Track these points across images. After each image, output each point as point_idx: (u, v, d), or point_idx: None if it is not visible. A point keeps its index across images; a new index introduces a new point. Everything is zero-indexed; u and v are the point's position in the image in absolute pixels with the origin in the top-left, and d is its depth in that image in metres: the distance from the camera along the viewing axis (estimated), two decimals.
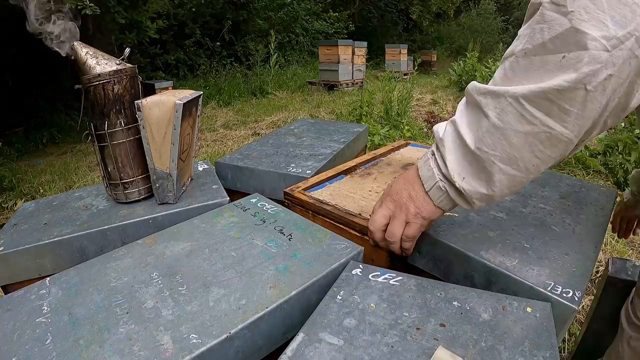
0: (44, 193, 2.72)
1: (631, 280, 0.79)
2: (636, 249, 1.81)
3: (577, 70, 0.46)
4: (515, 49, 0.52)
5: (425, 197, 0.64)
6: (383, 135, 3.24)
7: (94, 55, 0.89)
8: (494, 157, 0.55)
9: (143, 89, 0.96)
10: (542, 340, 0.51)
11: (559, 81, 0.47)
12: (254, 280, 0.64)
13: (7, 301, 0.64)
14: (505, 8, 19.24)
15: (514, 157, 0.54)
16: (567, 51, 0.47)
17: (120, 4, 4.67)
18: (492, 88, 0.54)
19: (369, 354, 0.49)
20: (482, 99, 0.55)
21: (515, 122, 0.52)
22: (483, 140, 0.55)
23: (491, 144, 0.54)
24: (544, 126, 0.50)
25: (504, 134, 0.53)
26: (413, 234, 0.67)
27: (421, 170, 0.65)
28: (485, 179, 0.57)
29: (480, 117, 0.55)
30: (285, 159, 1.27)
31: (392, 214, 0.68)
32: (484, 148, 0.55)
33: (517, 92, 0.51)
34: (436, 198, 0.63)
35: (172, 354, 0.50)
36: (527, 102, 0.50)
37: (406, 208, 0.66)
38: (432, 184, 0.63)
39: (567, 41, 0.46)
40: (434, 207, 0.64)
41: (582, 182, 1.05)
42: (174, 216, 0.91)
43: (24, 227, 0.88)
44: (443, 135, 0.61)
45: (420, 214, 0.65)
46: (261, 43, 8.20)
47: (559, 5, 0.47)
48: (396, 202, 0.67)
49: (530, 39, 0.50)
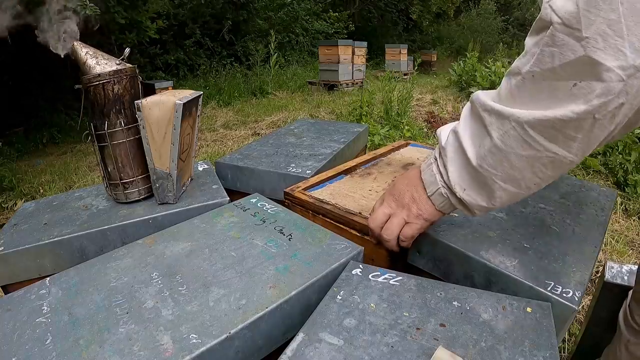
0: (44, 193, 2.72)
1: (627, 285, 0.79)
2: (636, 249, 1.81)
3: (587, 102, 0.44)
4: (523, 68, 0.49)
5: (427, 200, 0.65)
6: (383, 135, 3.24)
7: (94, 55, 0.89)
8: (495, 177, 0.55)
9: (143, 89, 0.96)
10: (542, 340, 0.51)
11: (567, 112, 0.45)
12: (254, 280, 0.64)
13: (7, 301, 0.64)
14: (505, 8, 19.24)
15: (515, 177, 0.54)
16: (578, 79, 0.44)
17: (120, 4, 4.67)
18: (498, 108, 0.52)
19: (369, 354, 0.49)
20: (487, 117, 0.54)
21: (518, 146, 0.51)
22: (485, 159, 0.55)
23: (493, 163, 0.54)
24: (548, 151, 0.49)
25: (506, 156, 0.52)
26: (412, 234, 0.68)
27: (424, 173, 0.65)
28: (486, 194, 0.58)
29: (483, 135, 0.55)
30: (285, 159, 1.27)
31: (393, 213, 0.69)
32: (486, 166, 0.55)
33: (521, 117, 0.49)
34: (438, 203, 0.64)
35: (172, 354, 0.50)
36: (531, 128, 0.49)
37: (408, 208, 0.67)
38: (435, 189, 0.63)
39: (580, 70, 0.43)
40: (436, 210, 0.65)
41: (582, 182, 1.05)
42: (174, 216, 0.91)
43: (24, 227, 0.88)
44: (445, 143, 0.61)
45: (422, 215, 0.66)
46: (261, 43, 8.20)
47: (572, 29, 0.43)
48: (398, 202, 0.68)
49: (539, 62, 0.47)
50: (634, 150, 2.59)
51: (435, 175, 0.63)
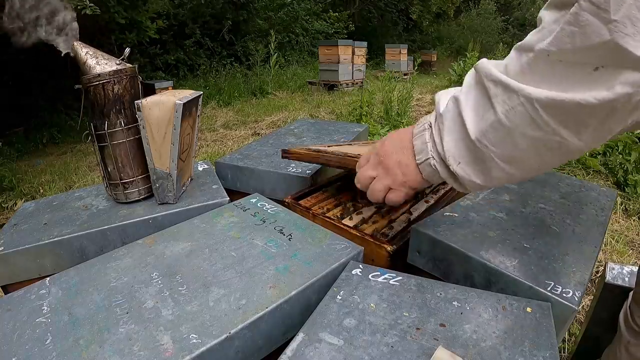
0: (44, 193, 2.72)
1: (628, 287, 0.79)
2: (636, 249, 1.81)
3: (609, 89, 0.40)
4: (536, 45, 0.44)
5: (415, 168, 0.60)
6: (383, 135, 3.24)
7: (94, 55, 0.89)
8: (494, 154, 0.51)
9: (143, 89, 0.96)
10: (542, 340, 0.51)
11: (586, 96, 0.41)
12: (254, 280, 0.64)
13: (7, 301, 0.64)
14: (505, 8, 19.24)
15: (516, 158, 0.50)
16: (600, 64, 0.40)
17: (120, 4, 4.67)
18: (505, 80, 0.47)
19: (369, 354, 0.49)
20: (492, 88, 0.49)
21: (524, 125, 0.46)
22: (485, 135, 0.50)
23: (493, 140, 0.50)
24: (556, 135, 0.45)
25: (510, 134, 0.48)
26: (397, 201, 0.65)
27: (415, 139, 0.60)
28: (482, 172, 0.54)
29: (486, 107, 0.50)
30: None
31: (377, 176, 0.66)
32: (485, 142, 0.51)
33: (532, 94, 0.45)
34: (425, 173, 0.60)
35: (172, 354, 0.50)
36: (542, 107, 0.44)
37: (393, 174, 0.63)
38: (424, 158, 0.59)
39: (603, 54, 0.40)
40: (422, 179, 0.61)
41: (582, 182, 1.05)
42: (174, 216, 0.91)
43: (24, 227, 0.88)
44: (444, 110, 0.56)
45: (407, 183, 0.62)
46: (261, 43, 8.20)
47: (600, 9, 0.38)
48: (384, 164, 0.64)
49: (557, 42, 0.42)
50: (634, 150, 2.59)
51: (427, 144, 0.58)
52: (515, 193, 0.95)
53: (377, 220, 0.94)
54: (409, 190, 0.64)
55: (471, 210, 0.85)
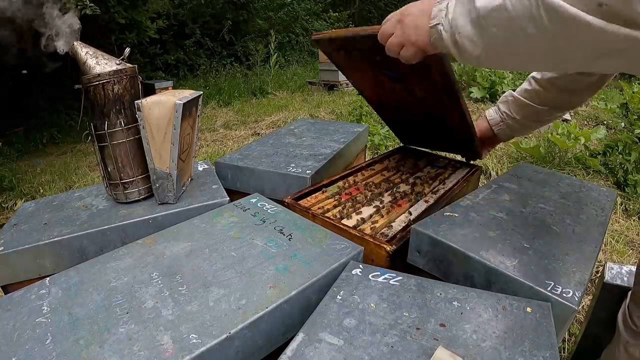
0: (44, 193, 2.72)
1: (627, 286, 0.79)
2: (636, 249, 1.80)
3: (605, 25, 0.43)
4: None
5: (427, 31, 0.65)
6: (383, 135, 3.23)
7: (94, 55, 0.89)
8: (492, 34, 0.55)
9: (143, 89, 0.96)
10: (542, 340, 0.51)
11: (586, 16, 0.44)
12: (254, 280, 0.64)
13: (7, 301, 0.64)
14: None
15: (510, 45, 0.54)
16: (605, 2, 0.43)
17: (120, 4, 4.67)
18: None
19: (369, 354, 0.49)
20: None
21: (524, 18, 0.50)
22: (489, 14, 0.54)
23: (494, 21, 0.54)
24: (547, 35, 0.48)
25: (510, 21, 0.51)
26: (408, 59, 0.70)
27: (435, 6, 0.65)
28: (480, 48, 0.58)
29: None
30: (285, 159, 1.27)
31: (395, 33, 0.71)
32: (487, 20, 0.55)
33: None
34: (433, 37, 0.64)
35: (172, 354, 0.50)
36: (544, 8, 0.47)
37: (408, 33, 0.68)
38: (435, 23, 0.63)
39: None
40: (429, 43, 0.66)
41: (582, 182, 1.05)
42: (174, 216, 0.91)
43: (24, 227, 0.88)
44: None
45: (416, 43, 0.67)
46: (261, 43, 8.19)
47: None
48: (402, 23, 0.70)
49: None
50: (634, 150, 2.59)
51: (442, 11, 0.63)
52: (515, 193, 0.95)
53: (377, 220, 0.94)
54: (417, 51, 0.68)
55: (471, 210, 0.85)
